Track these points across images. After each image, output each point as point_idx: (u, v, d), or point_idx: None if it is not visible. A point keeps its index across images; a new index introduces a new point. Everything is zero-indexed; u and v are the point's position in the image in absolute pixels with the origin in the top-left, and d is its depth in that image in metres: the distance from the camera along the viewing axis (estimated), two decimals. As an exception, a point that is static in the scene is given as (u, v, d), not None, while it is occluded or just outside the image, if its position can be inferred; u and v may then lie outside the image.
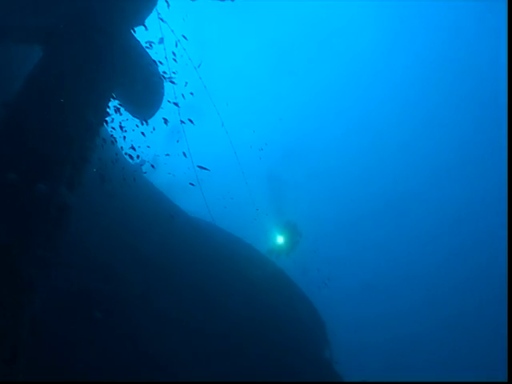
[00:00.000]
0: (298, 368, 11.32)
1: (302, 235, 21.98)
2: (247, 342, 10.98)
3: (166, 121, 10.92)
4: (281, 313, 12.56)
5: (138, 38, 8.40)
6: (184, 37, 10.45)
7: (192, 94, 12.41)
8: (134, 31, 8.18)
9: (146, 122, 10.02)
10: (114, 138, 10.53)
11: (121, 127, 9.68)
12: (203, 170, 12.68)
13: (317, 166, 53.63)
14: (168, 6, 9.23)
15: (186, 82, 12.00)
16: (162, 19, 9.24)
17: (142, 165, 15.85)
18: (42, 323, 5.83)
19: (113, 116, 8.23)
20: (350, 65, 55.49)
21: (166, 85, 10.16)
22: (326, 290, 28.85)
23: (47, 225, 5.70)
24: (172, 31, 9.96)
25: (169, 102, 10.39)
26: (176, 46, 10.65)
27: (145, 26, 8.33)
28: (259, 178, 39.02)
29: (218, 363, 10.02)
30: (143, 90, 8.77)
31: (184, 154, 12.67)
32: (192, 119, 11.65)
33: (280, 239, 21.97)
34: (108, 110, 7.33)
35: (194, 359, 9.65)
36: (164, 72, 9.65)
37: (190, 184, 12.83)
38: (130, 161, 11.99)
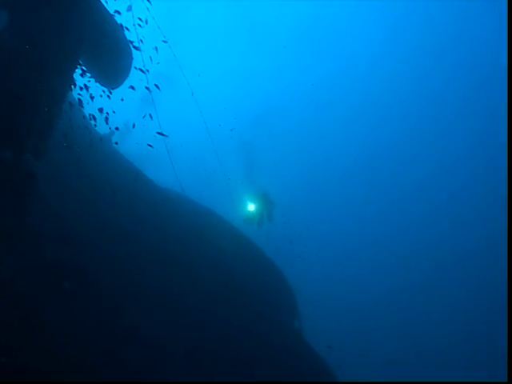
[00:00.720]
0: (266, 336, 11.44)
1: (274, 203, 22.01)
2: (215, 312, 11.02)
3: (133, 88, 10.74)
4: (250, 283, 12.63)
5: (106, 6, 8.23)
6: (149, 1, 10.18)
7: (158, 63, 12.20)
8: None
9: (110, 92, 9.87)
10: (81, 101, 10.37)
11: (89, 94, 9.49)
12: (173, 140, 12.52)
13: (289, 131, 53.21)
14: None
15: (156, 47, 11.76)
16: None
17: (112, 134, 15.67)
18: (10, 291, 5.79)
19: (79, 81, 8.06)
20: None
21: (135, 53, 10.01)
22: (298, 262, 29.00)
23: (13, 193, 5.61)
24: (141, -1, 9.75)
25: (135, 68, 10.22)
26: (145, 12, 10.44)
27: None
28: (231, 149, 38.66)
29: (186, 329, 10.05)
30: (110, 56, 8.61)
31: (150, 115, 12.38)
32: (160, 87, 11.49)
33: (251, 207, 22.00)
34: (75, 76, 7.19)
35: (164, 323, 9.66)
36: (131, 41, 9.49)
37: (149, 145, 12.53)
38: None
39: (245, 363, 10.24)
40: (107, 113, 10.34)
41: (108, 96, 10.18)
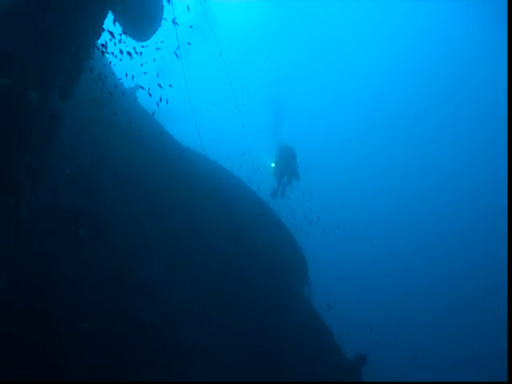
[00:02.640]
0: (276, 299, 11.53)
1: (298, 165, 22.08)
2: (229, 274, 11.13)
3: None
4: (264, 247, 12.71)
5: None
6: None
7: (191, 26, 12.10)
8: None
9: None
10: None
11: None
12: (197, 99, 12.49)
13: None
14: None
15: (188, 7, 11.69)
16: None
17: (136, 89, 15.69)
18: (28, 230, 5.86)
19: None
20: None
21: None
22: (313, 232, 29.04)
23: (38, 132, 5.63)
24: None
25: (165, 19, 10.13)
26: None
27: None
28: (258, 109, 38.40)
29: (199, 293, 10.16)
30: (142, 5, 8.53)
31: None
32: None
33: (272, 165, 22.21)
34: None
35: (175, 279, 9.76)
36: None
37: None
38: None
39: (252, 322, 10.34)
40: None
41: (136, 53, 10.12)
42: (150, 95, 11.28)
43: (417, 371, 38.86)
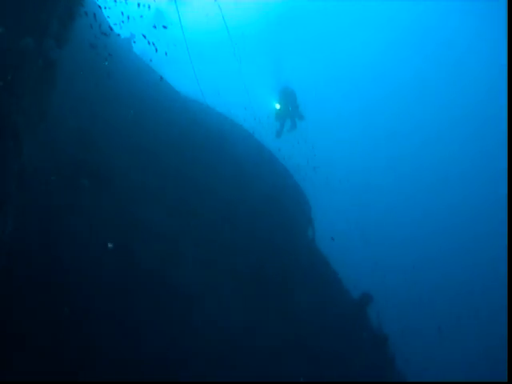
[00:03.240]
0: (281, 241, 11.65)
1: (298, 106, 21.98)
2: (234, 219, 11.21)
3: None
4: (269, 193, 12.78)
5: None
6: None
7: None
8: None
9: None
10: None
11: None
12: (194, 43, 12.33)
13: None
14: None
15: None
16: None
17: (132, 38, 15.50)
18: (30, 178, 5.91)
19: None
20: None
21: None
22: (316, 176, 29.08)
23: (34, 80, 5.61)
24: None
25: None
26: None
27: None
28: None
29: (204, 238, 10.24)
30: None
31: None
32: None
33: (277, 106, 22.09)
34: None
35: (178, 220, 9.84)
36: None
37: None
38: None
39: (258, 264, 10.48)
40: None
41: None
42: (150, 43, 11.16)
43: (416, 371, 38.25)
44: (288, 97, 21.94)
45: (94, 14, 8.50)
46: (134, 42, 15.38)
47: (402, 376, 12.86)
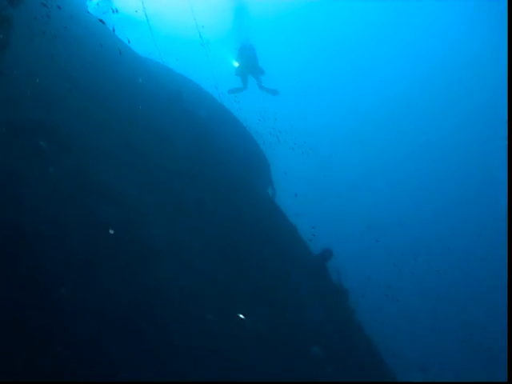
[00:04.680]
0: (239, 197, 11.77)
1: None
2: (191, 176, 11.23)
3: None
4: (226, 149, 12.89)
5: None
6: None
7: None
8: None
9: None
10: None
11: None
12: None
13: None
14: None
15: None
16: None
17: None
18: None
19: None
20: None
21: None
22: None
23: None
24: None
25: None
26: None
27: None
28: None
29: (164, 194, 10.26)
30: None
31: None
32: None
33: (235, 64, 22.09)
34: None
35: (140, 189, 9.86)
36: None
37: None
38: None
39: (216, 220, 10.59)
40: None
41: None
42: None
43: (416, 371, 38.09)
44: (246, 52, 21.96)
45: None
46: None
47: (362, 329, 13.22)
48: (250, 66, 21.88)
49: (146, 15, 14.02)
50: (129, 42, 12.57)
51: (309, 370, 9.13)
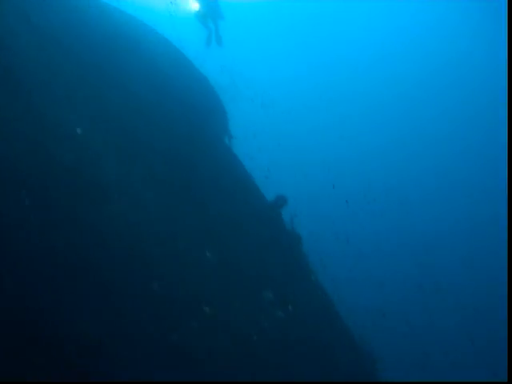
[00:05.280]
0: (193, 141, 11.62)
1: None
2: (149, 116, 11.02)
3: None
4: (180, 94, 12.66)
5: None
6: None
7: None
8: None
9: None
10: None
11: None
12: None
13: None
14: None
15: None
16: None
17: None
18: None
19: None
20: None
21: None
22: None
23: None
24: None
25: None
26: None
27: None
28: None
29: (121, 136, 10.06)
30: None
31: None
32: None
33: (195, 5, 21.57)
34: None
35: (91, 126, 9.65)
36: None
37: None
38: None
39: (171, 158, 10.42)
40: None
41: None
42: None
43: (415, 371, 38.02)
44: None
45: None
46: None
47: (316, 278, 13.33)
48: (211, 10, 21.35)
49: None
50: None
51: (260, 313, 9.23)
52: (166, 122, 11.41)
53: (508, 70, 30.60)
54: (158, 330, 7.81)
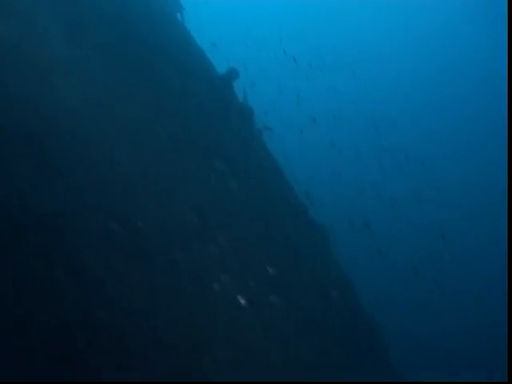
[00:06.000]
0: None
1: None
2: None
3: None
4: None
5: None
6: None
7: None
8: None
9: None
10: None
11: None
12: None
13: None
14: None
15: None
16: None
17: None
18: None
19: None
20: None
21: None
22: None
23: None
24: None
25: None
26: None
27: None
28: None
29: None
30: None
31: None
32: None
33: None
34: None
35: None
36: None
37: None
38: None
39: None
40: None
41: None
42: None
43: (415, 371, 37.04)
44: None
45: None
46: None
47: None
48: None
49: None
50: None
51: (213, 183, 8.98)
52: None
53: (508, 70, 30.66)
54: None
